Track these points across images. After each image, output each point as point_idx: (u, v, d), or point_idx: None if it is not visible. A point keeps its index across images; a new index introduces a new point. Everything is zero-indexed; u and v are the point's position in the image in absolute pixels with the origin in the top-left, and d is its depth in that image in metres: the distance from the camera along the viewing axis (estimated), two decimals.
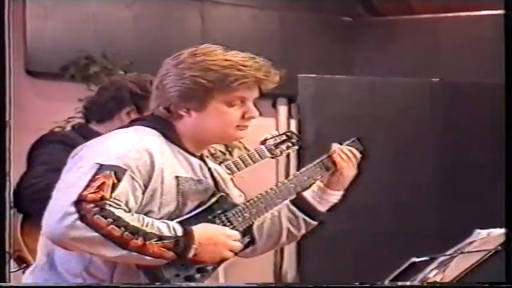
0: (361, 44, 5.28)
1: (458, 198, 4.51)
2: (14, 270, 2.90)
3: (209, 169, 2.34)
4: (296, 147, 3.11)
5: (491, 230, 2.61)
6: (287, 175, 4.42)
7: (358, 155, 2.46)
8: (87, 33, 4.75)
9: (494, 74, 4.63)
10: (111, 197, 2.16)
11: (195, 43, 2.43)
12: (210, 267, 2.29)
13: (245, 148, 4.46)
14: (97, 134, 2.64)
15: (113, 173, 2.18)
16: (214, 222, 2.29)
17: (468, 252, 2.54)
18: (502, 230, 2.62)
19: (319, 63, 5.05)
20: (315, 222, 2.47)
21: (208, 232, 2.26)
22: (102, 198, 2.15)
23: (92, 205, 2.14)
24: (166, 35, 4.87)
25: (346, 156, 2.44)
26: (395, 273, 2.56)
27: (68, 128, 3.68)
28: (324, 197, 2.46)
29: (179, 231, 2.21)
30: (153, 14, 4.98)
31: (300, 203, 2.42)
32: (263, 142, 3.04)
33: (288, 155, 3.29)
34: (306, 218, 2.45)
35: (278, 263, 4.76)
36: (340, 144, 2.49)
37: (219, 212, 2.30)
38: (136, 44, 4.87)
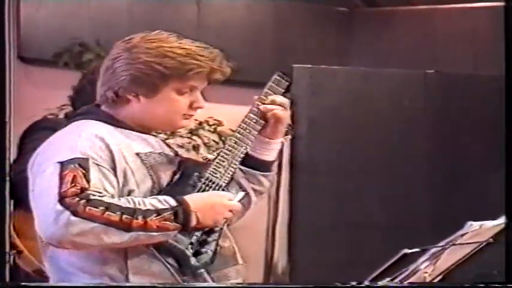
0: (357, 35, 5.27)
1: (451, 191, 4.51)
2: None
3: (164, 142, 2.35)
4: (289, 136, 3.11)
5: (484, 222, 2.61)
6: (279, 164, 4.41)
7: (287, 101, 2.44)
8: (81, 19, 4.74)
9: (490, 66, 4.63)
10: (89, 186, 2.15)
11: (190, 31, 2.42)
12: (217, 229, 2.30)
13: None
14: None
15: (77, 165, 2.17)
16: (196, 186, 2.30)
17: (460, 244, 2.54)
18: (495, 222, 2.62)
19: (314, 54, 5.04)
20: (272, 172, 2.48)
21: (201, 197, 2.27)
22: (82, 189, 2.15)
23: (77, 198, 2.14)
24: (162, 23, 4.83)
25: (277, 107, 2.41)
26: (387, 264, 2.55)
27: (61, 115, 3.69)
28: (266, 147, 2.45)
29: (172, 202, 2.21)
30: (148, 0, 4.96)
31: (249, 162, 2.43)
32: None
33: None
34: (261, 173, 2.45)
35: (269, 254, 4.76)
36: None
37: (196, 175, 2.31)
38: (130, 31, 4.84)
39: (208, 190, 2.30)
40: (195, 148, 4.63)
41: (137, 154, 2.25)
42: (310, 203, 4.48)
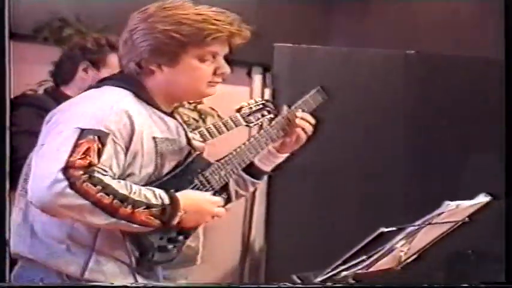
0: (338, 14, 5.25)
1: (430, 172, 4.53)
2: None
3: (183, 127, 2.35)
4: (271, 115, 3.11)
5: (460, 201, 2.62)
6: None
7: (313, 121, 2.46)
8: None
9: (471, 47, 4.64)
10: (98, 162, 2.14)
11: None
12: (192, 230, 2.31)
13: (218, 116, 4.46)
14: (68, 97, 2.63)
15: (96, 137, 2.16)
16: (193, 182, 2.30)
17: (436, 223, 2.55)
18: (471, 202, 2.64)
19: (295, 33, 5.03)
20: (260, 181, 2.50)
21: (193, 199, 2.26)
22: (90, 164, 2.14)
23: (81, 172, 2.12)
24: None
25: (303, 123, 2.44)
26: (364, 243, 2.56)
27: (41, 91, 3.67)
28: (271, 159, 2.48)
29: (166, 199, 2.20)
30: None
31: (246, 168, 2.44)
32: (238, 110, 3.04)
33: (261, 125, 3.30)
34: (253, 180, 2.47)
35: (246, 233, 4.77)
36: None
37: (197, 171, 2.31)
38: (111, 7, 4.81)
39: (202, 189, 2.29)
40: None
41: (154, 138, 2.25)
42: (288, 184, 4.48)
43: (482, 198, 2.61)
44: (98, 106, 2.22)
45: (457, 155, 4.45)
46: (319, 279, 2.50)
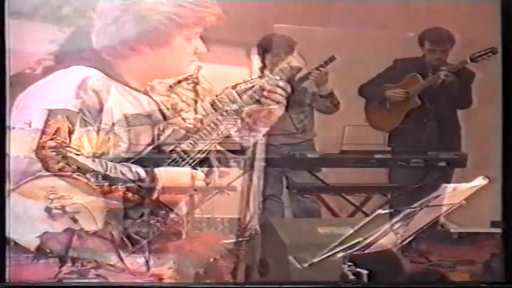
0: None
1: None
2: None
3: (156, 103, 2.36)
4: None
5: (458, 184, 2.63)
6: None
7: (288, 89, 2.47)
8: None
9: (469, 30, 4.65)
10: (70, 142, 2.16)
11: None
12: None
13: (216, 96, 4.46)
14: None
15: (65, 117, 2.19)
16: (171, 157, 2.32)
17: (433, 205, 2.56)
18: (468, 185, 2.65)
19: (294, 13, 5.02)
20: (244, 157, 2.52)
21: (171, 173, 2.29)
22: (62, 144, 2.15)
23: (54, 153, 2.14)
24: None
25: (275, 95, 2.45)
26: (361, 223, 2.58)
27: (39, 70, 3.66)
28: (251, 134, 2.48)
29: (142, 174, 2.23)
30: None
31: (227, 144, 2.45)
32: (234, 87, 3.05)
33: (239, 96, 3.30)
34: (234, 156, 2.49)
35: (242, 219, 4.78)
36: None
37: (174, 145, 2.33)
38: None
39: (182, 163, 2.31)
40: (173, 106, 4.62)
41: (125, 115, 2.26)
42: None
43: (479, 181, 2.61)
44: (65, 86, 2.24)
45: (448, 135, 4.46)
46: (315, 260, 2.51)
